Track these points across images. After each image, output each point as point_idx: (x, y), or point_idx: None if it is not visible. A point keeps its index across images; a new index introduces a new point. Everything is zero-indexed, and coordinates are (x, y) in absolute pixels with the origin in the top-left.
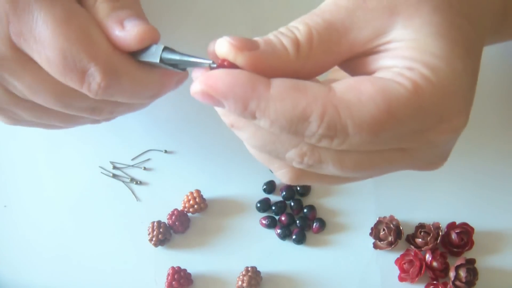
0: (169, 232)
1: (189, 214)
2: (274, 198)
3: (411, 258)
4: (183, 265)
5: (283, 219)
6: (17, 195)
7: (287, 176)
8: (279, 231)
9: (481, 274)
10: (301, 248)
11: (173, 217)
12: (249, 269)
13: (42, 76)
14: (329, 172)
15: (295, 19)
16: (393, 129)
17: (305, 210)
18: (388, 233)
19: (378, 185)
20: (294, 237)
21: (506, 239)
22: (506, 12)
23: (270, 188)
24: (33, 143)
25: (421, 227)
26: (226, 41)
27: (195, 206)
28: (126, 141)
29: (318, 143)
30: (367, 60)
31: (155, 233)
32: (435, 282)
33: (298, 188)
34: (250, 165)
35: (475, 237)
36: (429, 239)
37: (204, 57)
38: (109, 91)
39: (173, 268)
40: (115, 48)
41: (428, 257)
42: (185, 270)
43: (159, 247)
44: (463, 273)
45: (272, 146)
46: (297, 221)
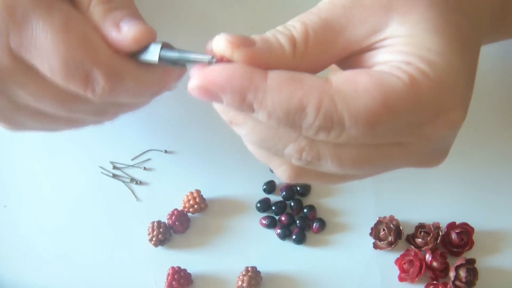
0: (169, 232)
1: (189, 214)
2: (274, 198)
3: (411, 258)
4: (183, 265)
5: (283, 219)
6: (17, 195)
7: (286, 173)
8: (279, 231)
9: (481, 274)
10: (301, 248)
11: (173, 217)
12: (249, 269)
13: (45, 83)
14: (328, 169)
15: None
16: (389, 122)
17: (305, 210)
18: (388, 233)
19: (378, 185)
20: (294, 237)
21: (506, 239)
22: (504, 10)
23: (270, 188)
24: (33, 143)
25: (421, 227)
26: (223, 38)
27: (195, 206)
28: (126, 141)
29: (315, 136)
30: (364, 56)
31: (155, 233)
32: (435, 282)
33: (298, 188)
34: (250, 165)
35: (475, 237)
36: (429, 239)
37: (203, 53)
38: (113, 93)
39: (173, 268)
40: (114, 50)
41: (428, 257)
42: (185, 270)
43: (159, 247)
44: (463, 273)
45: (270, 141)
46: (297, 221)
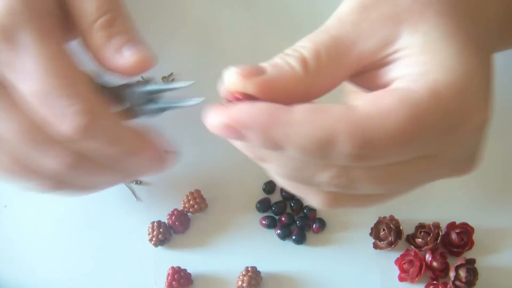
0: (169, 232)
1: (189, 214)
2: (274, 198)
3: (411, 258)
4: (183, 265)
5: (283, 219)
6: (17, 195)
7: (320, 201)
8: (279, 231)
9: (481, 274)
10: (301, 248)
11: (173, 217)
12: (249, 269)
13: (13, 108)
14: (362, 190)
15: (294, 18)
16: (419, 136)
17: (305, 210)
18: (388, 233)
19: None
20: (294, 237)
21: (506, 239)
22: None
23: (270, 188)
24: None
25: (421, 227)
26: (233, 72)
27: (195, 206)
28: None
29: (348, 163)
30: (380, 73)
31: (155, 233)
32: (435, 282)
33: None
34: (250, 165)
35: (475, 237)
36: (429, 239)
37: (193, 98)
38: (87, 131)
39: (173, 268)
40: (95, 91)
41: (428, 257)
42: (185, 270)
43: (159, 247)
44: (463, 273)
45: (300, 173)
46: (297, 221)
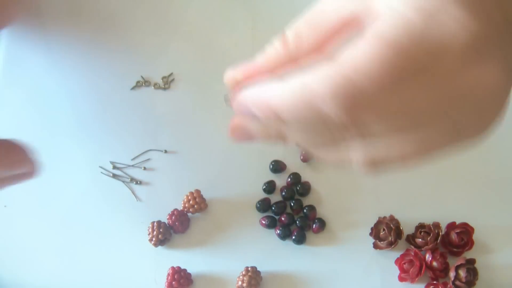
0: (169, 232)
1: (189, 214)
2: (274, 198)
3: (411, 258)
4: (183, 265)
5: (283, 219)
6: (17, 195)
7: (362, 162)
8: (279, 231)
9: (481, 274)
10: (301, 248)
11: (173, 217)
12: (249, 269)
13: None
14: (389, 141)
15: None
16: (404, 64)
17: (305, 210)
18: (388, 233)
19: (378, 184)
20: (294, 237)
21: (506, 239)
22: None
23: (270, 188)
24: (33, 143)
25: (421, 227)
26: (228, 72)
27: (195, 206)
28: (126, 141)
29: (345, 122)
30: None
31: (155, 233)
32: (435, 282)
33: (298, 188)
34: (250, 165)
35: (475, 237)
36: (429, 239)
37: None
38: None
39: (173, 268)
40: None
41: (428, 257)
42: (185, 270)
43: (159, 247)
44: (463, 273)
45: (323, 139)
46: (297, 221)
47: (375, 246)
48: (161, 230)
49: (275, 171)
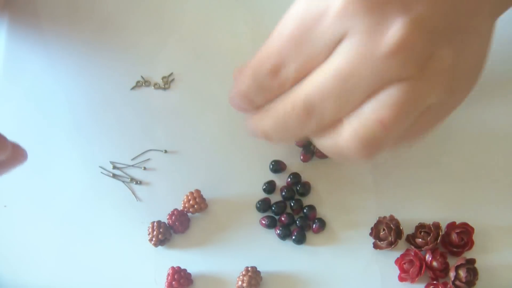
0: (169, 232)
1: (189, 214)
2: (274, 198)
3: (411, 258)
4: (183, 265)
5: (283, 219)
6: (17, 195)
7: (358, 143)
8: (279, 231)
9: (481, 274)
10: (301, 248)
11: (173, 217)
12: (249, 269)
13: None
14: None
15: None
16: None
17: (305, 210)
18: (388, 233)
19: (378, 184)
20: (294, 237)
21: (506, 239)
22: None
23: (270, 188)
24: (33, 143)
25: (421, 227)
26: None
27: (195, 206)
28: (126, 141)
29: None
30: None
31: (155, 233)
32: (435, 282)
33: (298, 188)
34: (250, 165)
35: (475, 237)
36: (429, 239)
37: None
38: None
39: (173, 268)
40: None
41: (428, 257)
42: (185, 270)
43: (159, 247)
44: (463, 273)
45: (324, 117)
46: (297, 221)
47: (375, 246)
48: (161, 230)
49: (275, 171)
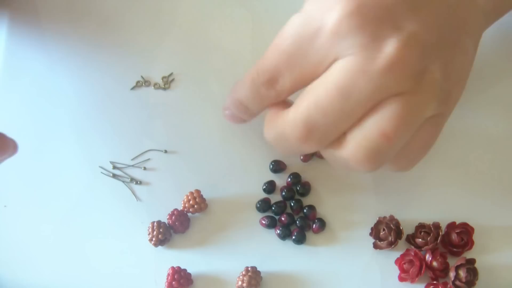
0: (169, 232)
1: (189, 214)
2: (274, 198)
3: (411, 258)
4: (183, 265)
5: (283, 219)
6: (17, 195)
7: (363, 155)
8: (279, 231)
9: (481, 274)
10: (301, 248)
11: (173, 217)
12: (249, 269)
13: None
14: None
15: None
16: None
17: (305, 210)
18: (388, 233)
19: (378, 184)
20: (294, 237)
21: (506, 239)
22: None
23: (270, 188)
24: (33, 143)
25: (421, 227)
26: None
27: (195, 206)
28: (126, 141)
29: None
30: None
31: (155, 233)
32: (435, 282)
33: (298, 188)
34: (250, 165)
35: (475, 237)
36: (429, 239)
37: None
38: None
39: (173, 268)
40: None
41: (428, 257)
42: (185, 270)
43: (159, 247)
44: (463, 273)
45: (329, 128)
46: (297, 221)
47: (375, 246)
48: (161, 230)
49: (275, 171)
